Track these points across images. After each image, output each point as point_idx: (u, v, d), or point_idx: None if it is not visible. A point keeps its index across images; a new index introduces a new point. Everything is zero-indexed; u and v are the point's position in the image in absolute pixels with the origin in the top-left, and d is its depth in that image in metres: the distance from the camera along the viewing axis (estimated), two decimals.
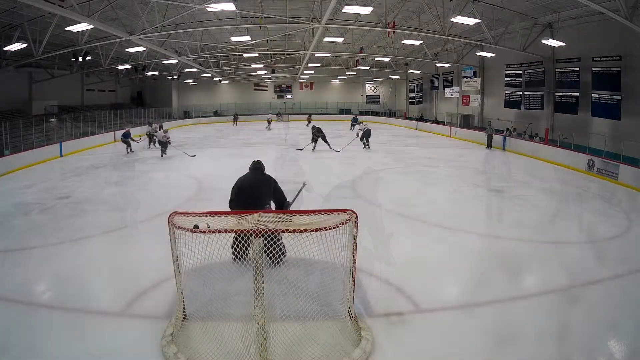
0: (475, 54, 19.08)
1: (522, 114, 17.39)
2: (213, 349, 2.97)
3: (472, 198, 8.26)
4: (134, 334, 3.33)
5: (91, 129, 18.72)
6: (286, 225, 3.20)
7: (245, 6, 13.51)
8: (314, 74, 32.17)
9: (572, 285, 4.35)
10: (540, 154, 13.75)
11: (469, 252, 5.24)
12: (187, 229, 3.02)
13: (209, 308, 3.50)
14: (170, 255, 3.23)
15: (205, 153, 14.30)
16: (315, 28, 13.52)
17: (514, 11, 14.07)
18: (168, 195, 8.18)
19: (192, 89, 33.40)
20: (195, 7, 11.57)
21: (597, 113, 13.31)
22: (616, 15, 9.60)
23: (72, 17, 10.04)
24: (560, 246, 5.38)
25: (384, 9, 13.01)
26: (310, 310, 3.37)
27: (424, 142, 18.01)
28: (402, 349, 3.18)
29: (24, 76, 19.65)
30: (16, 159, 11.96)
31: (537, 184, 9.69)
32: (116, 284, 4.17)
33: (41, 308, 3.73)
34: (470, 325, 3.53)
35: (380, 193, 8.50)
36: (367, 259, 4.23)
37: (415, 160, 13.03)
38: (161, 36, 15.06)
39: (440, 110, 25.69)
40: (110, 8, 11.56)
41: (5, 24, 13.50)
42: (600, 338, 3.42)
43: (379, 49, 23.14)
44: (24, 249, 5.27)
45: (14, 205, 7.65)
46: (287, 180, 9.46)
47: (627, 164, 10.14)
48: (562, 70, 14.87)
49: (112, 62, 20.07)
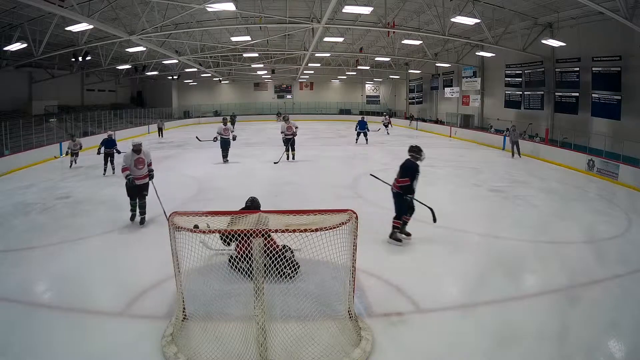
0: (475, 54, 19.08)
1: (522, 114, 17.40)
2: (213, 349, 2.97)
3: (472, 198, 8.26)
4: (134, 334, 3.33)
5: (91, 129, 18.73)
6: (286, 225, 3.20)
7: (245, 6, 13.51)
8: (314, 74, 32.19)
9: (572, 285, 4.35)
10: (540, 154, 13.75)
11: (469, 252, 5.24)
12: (187, 229, 3.02)
13: (209, 308, 3.50)
14: (170, 255, 3.23)
15: (205, 153, 14.29)
16: (315, 28, 13.53)
17: (514, 11, 14.08)
18: (168, 195, 8.17)
19: (192, 89, 33.41)
20: (195, 7, 11.58)
21: (597, 113, 13.31)
22: (616, 15, 9.61)
23: (72, 17, 10.04)
24: (560, 246, 5.37)
25: (384, 9, 13.02)
26: (310, 310, 3.37)
27: (424, 142, 17.97)
28: (402, 349, 3.18)
29: (24, 76, 19.67)
30: (16, 159, 11.96)
31: (537, 183, 9.68)
32: (116, 284, 4.17)
33: (41, 308, 3.73)
34: (470, 325, 3.53)
35: (380, 193, 8.47)
36: (367, 259, 4.22)
37: None
38: (161, 36, 15.06)
39: (440, 110, 25.70)
40: (110, 8, 11.57)
41: (5, 24, 13.50)
42: (600, 338, 3.41)
43: (379, 49, 23.15)
44: (24, 249, 5.27)
45: (14, 205, 7.65)
46: (287, 180, 9.55)
47: (627, 164, 10.14)
48: (562, 70, 14.87)
49: (112, 62, 20.09)
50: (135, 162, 6.05)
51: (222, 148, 11.94)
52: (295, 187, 8.94)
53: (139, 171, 6.10)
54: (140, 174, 6.11)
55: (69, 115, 19.00)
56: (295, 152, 12.19)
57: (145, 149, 6.26)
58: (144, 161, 6.14)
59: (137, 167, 6.07)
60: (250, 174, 10.03)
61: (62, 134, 16.57)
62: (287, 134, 11.92)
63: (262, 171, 10.63)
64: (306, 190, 8.73)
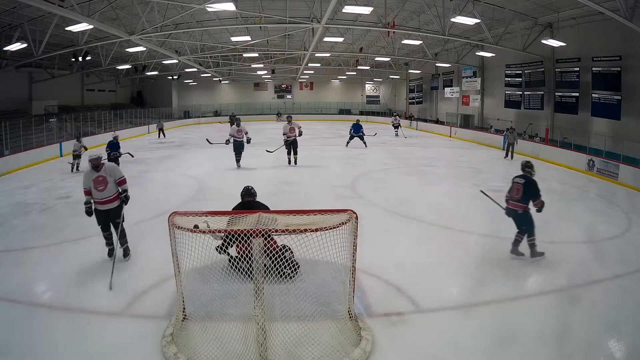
0: (475, 54, 19.09)
1: (522, 114, 17.40)
2: (213, 349, 2.97)
3: (472, 198, 8.25)
4: (134, 334, 3.33)
5: (91, 129, 18.73)
6: (286, 225, 3.20)
7: (245, 6, 13.51)
8: (314, 74, 32.19)
9: (572, 285, 4.35)
10: (540, 154, 13.75)
11: (469, 252, 5.24)
12: (187, 229, 3.02)
13: (209, 308, 3.50)
14: (170, 255, 3.23)
15: (205, 153, 14.30)
16: (315, 28, 13.54)
17: (514, 11, 14.08)
18: (168, 195, 8.18)
19: (192, 89, 33.42)
20: (195, 7, 11.57)
21: (597, 113, 13.32)
22: (616, 15, 9.60)
23: (72, 17, 10.05)
24: (560, 246, 5.37)
25: (384, 9, 13.02)
26: (310, 310, 3.37)
27: (424, 142, 18.01)
28: (402, 349, 3.18)
29: (24, 76, 19.68)
30: (16, 159, 11.96)
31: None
32: (116, 284, 4.17)
33: (41, 308, 3.73)
34: (470, 325, 3.53)
35: (380, 193, 8.50)
36: (367, 259, 4.22)
37: (415, 160, 13.03)
38: (161, 36, 15.06)
39: (440, 110, 25.70)
40: (110, 8, 11.57)
41: (5, 24, 13.51)
42: (600, 338, 3.41)
43: (379, 49, 23.15)
44: (24, 249, 5.27)
45: (14, 205, 7.66)
46: (287, 180, 9.55)
47: (627, 164, 10.14)
48: (562, 70, 14.87)
49: (112, 62, 20.09)
50: (95, 182, 4.61)
51: (235, 152, 10.88)
52: (295, 187, 8.94)
53: (100, 193, 4.63)
54: (103, 197, 4.64)
55: (69, 115, 19.00)
56: (297, 155, 11.28)
57: (109, 164, 4.95)
58: (105, 180, 4.63)
59: (97, 188, 4.61)
60: (250, 174, 10.03)
61: (62, 134, 16.58)
62: (290, 136, 11.02)
63: (262, 171, 10.63)
64: (306, 190, 8.73)
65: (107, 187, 4.66)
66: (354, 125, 15.54)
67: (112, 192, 4.70)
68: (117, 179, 4.72)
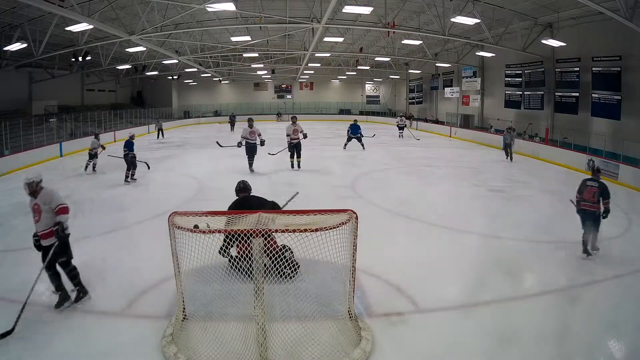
0: (475, 54, 19.09)
1: (522, 114, 17.41)
2: (213, 349, 2.97)
3: (472, 198, 8.26)
4: (134, 334, 3.33)
5: (91, 129, 18.72)
6: (286, 225, 3.20)
7: (245, 6, 13.51)
8: (314, 74, 32.18)
9: (572, 285, 4.35)
10: (540, 154, 13.75)
11: (469, 252, 5.25)
12: (187, 229, 3.02)
13: (209, 308, 3.50)
14: (170, 255, 3.23)
15: (205, 153, 14.31)
16: (315, 28, 13.53)
17: (514, 11, 14.08)
18: (168, 195, 8.18)
19: (192, 89, 33.41)
20: (195, 7, 11.57)
21: (597, 113, 13.32)
22: (616, 15, 9.60)
23: (72, 17, 10.05)
24: (560, 246, 5.37)
25: (384, 9, 13.02)
26: (310, 310, 3.37)
27: (424, 142, 18.00)
28: (402, 349, 3.18)
29: (24, 76, 19.68)
30: (16, 159, 11.96)
31: (537, 184, 9.68)
32: (116, 284, 4.17)
33: (41, 308, 3.73)
34: (470, 325, 3.53)
35: (380, 193, 8.50)
36: (367, 259, 4.22)
37: (415, 160, 13.03)
38: (161, 36, 15.06)
39: (440, 110, 25.70)
40: (110, 8, 11.57)
41: (5, 24, 13.51)
42: (600, 338, 3.41)
43: (379, 49, 23.16)
44: (24, 249, 5.24)
45: (14, 205, 7.65)
46: (286, 180, 9.53)
47: (627, 164, 10.15)
48: (562, 70, 14.87)
49: (112, 62, 20.09)
50: (32, 211, 3.72)
51: (247, 155, 10.19)
52: (295, 187, 8.91)
53: (36, 225, 3.71)
54: (39, 230, 3.70)
55: (69, 115, 18.99)
56: (300, 159, 10.66)
57: (48, 189, 3.74)
58: (39, 209, 3.65)
59: (34, 218, 3.71)
60: (250, 174, 10.02)
61: (62, 134, 16.58)
62: (293, 138, 10.38)
63: (263, 172, 10.62)
64: (306, 190, 8.71)
65: (41, 218, 3.66)
66: (352, 126, 14.91)
67: (48, 225, 3.66)
68: (54, 208, 3.64)
